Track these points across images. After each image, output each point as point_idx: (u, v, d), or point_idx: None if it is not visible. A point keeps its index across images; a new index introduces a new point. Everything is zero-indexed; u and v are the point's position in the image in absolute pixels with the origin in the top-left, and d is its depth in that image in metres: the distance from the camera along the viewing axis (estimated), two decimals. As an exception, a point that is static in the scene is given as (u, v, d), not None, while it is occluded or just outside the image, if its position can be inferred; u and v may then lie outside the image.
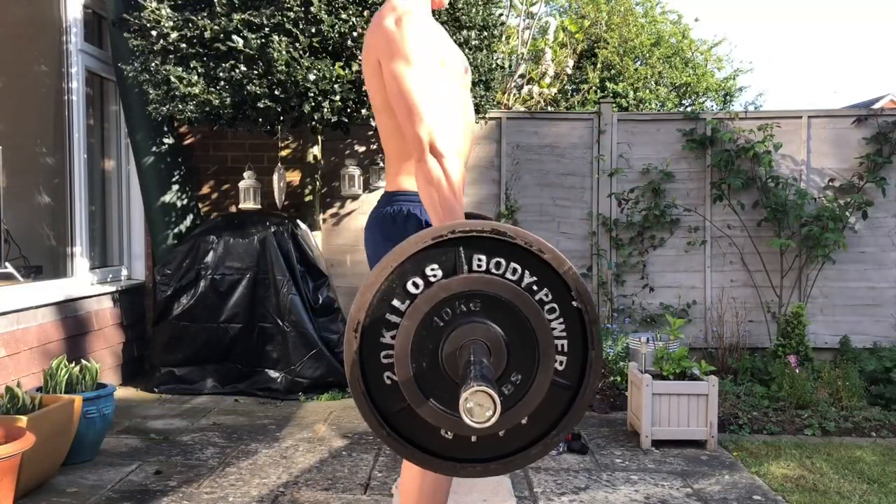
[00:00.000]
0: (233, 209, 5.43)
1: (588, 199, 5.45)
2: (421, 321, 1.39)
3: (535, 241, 1.42)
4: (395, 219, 1.86)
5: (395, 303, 1.44)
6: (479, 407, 1.23)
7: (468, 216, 2.01)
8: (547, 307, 1.44)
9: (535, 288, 1.44)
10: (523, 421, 1.45)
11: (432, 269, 1.44)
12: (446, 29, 4.28)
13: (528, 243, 1.42)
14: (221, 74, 4.08)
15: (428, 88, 1.72)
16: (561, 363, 1.45)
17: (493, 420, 1.22)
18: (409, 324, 1.39)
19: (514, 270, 1.43)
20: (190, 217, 5.10)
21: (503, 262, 1.44)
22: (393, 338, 1.42)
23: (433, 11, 2.00)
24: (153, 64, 4.20)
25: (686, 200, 5.41)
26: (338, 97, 4.05)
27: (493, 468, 1.48)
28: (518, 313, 1.40)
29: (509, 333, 1.40)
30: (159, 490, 2.99)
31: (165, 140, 4.99)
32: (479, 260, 1.44)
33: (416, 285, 1.43)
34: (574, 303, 1.44)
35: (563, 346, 1.45)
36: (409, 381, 1.40)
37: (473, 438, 1.46)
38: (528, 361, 1.40)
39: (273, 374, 4.61)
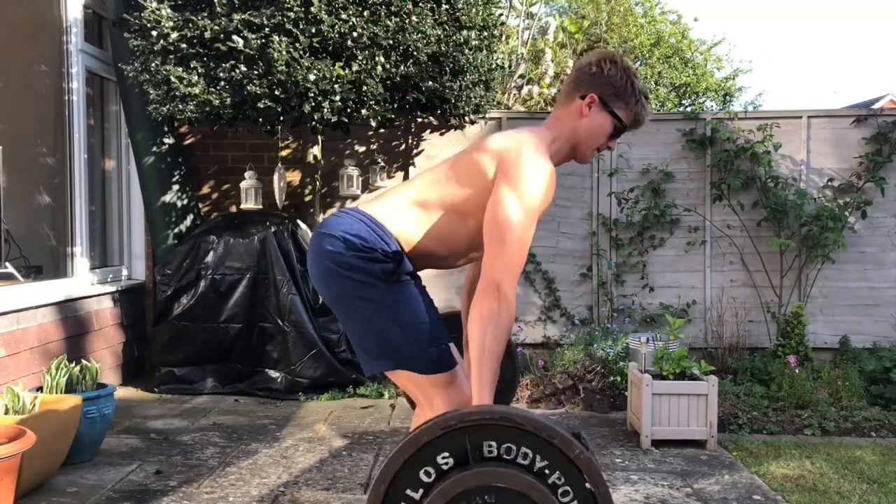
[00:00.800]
0: (233, 209, 5.43)
1: (588, 198, 5.45)
2: None
3: (543, 428, 1.45)
4: (363, 259, 1.87)
5: (409, 492, 1.47)
6: None
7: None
8: (560, 490, 1.47)
9: (546, 472, 1.47)
10: None
11: (444, 458, 1.47)
12: (446, 29, 4.29)
13: (538, 430, 1.45)
14: (221, 74, 4.08)
15: (527, 238, 1.82)
16: None
17: None
18: None
19: (525, 455, 1.47)
20: (190, 217, 5.10)
21: (514, 447, 1.47)
22: None
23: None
24: (153, 64, 4.20)
25: (686, 200, 5.42)
26: (338, 97, 4.06)
27: None
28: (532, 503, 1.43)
29: None
30: (159, 490, 2.99)
31: (165, 140, 4.99)
32: (490, 446, 1.47)
33: (428, 474, 1.47)
34: (587, 484, 1.46)
35: None
36: None
37: None
38: None
39: (273, 373, 4.61)
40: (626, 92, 1.99)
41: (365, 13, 4.07)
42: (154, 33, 4.16)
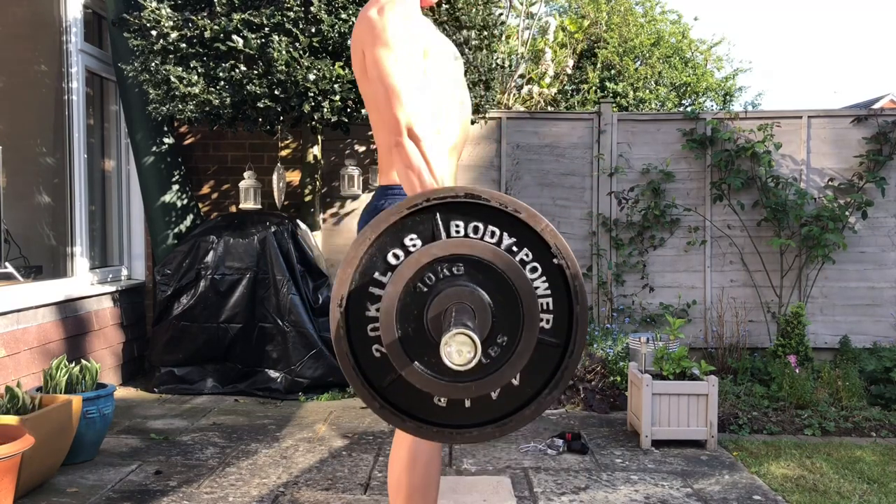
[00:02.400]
0: (233, 209, 5.43)
1: (588, 198, 5.45)
2: (404, 287, 1.40)
3: (509, 202, 1.42)
4: None
5: (377, 276, 1.45)
6: (458, 349, 1.25)
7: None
8: (529, 266, 1.44)
9: (514, 249, 1.44)
10: (515, 382, 1.46)
11: (411, 239, 1.44)
12: (446, 29, 4.29)
13: (503, 204, 1.42)
14: (221, 74, 4.08)
15: (407, 74, 1.73)
16: (548, 321, 1.45)
17: (475, 360, 1.25)
18: (392, 290, 1.40)
19: (493, 233, 1.44)
20: (190, 217, 5.10)
21: (480, 225, 1.44)
22: (378, 311, 1.43)
23: (424, 10, 2.00)
24: (153, 64, 4.20)
25: (686, 200, 5.41)
26: (338, 97, 4.05)
27: (488, 431, 1.48)
28: (500, 275, 1.40)
29: (493, 295, 1.40)
30: (159, 490, 2.99)
31: (165, 140, 4.99)
32: (457, 225, 1.44)
33: (396, 256, 1.44)
34: (555, 260, 1.44)
35: (547, 304, 1.45)
36: (394, 344, 1.40)
37: (467, 403, 1.47)
38: (513, 322, 1.41)
39: (273, 374, 4.61)
40: None
41: (365, 13, 4.07)
42: (154, 33, 4.16)
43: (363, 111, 4.18)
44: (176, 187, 5.02)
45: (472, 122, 5.03)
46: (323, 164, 5.28)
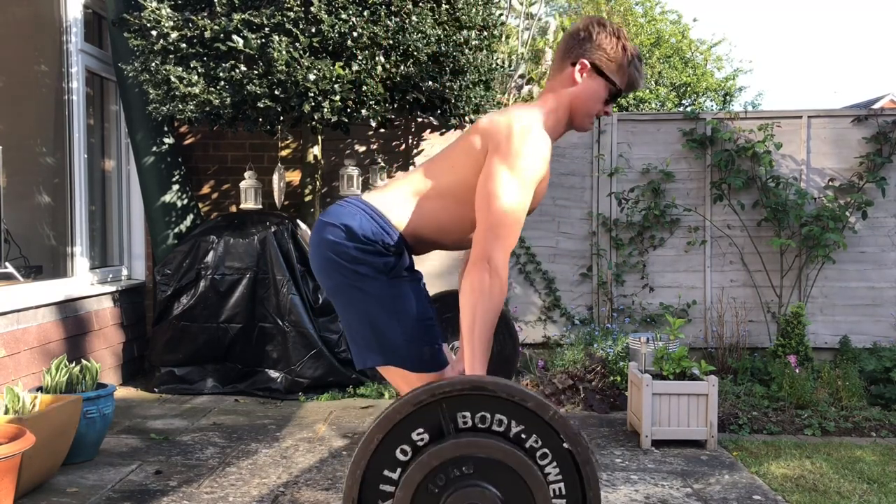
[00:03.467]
0: (233, 209, 5.43)
1: (588, 198, 5.45)
2: (415, 490, 1.41)
3: (517, 393, 1.44)
4: (363, 252, 1.85)
5: (387, 472, 1.46)
6: None
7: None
8: (539, 453, 1.46)
9: (523, 436, 1.45)
10: None
11: (419, 434, 1.46)
12: (446, 29, 4.29)
13: (510, 395, 1.44)
14: (221, 74, 4.08)
15: (520, 210, 1.79)
16: None
17: None
18: (403, 494, 1.41)
19: (500, 422, 1.45)
20: (190, 217, 5.10)
21: (488, 415, 1.46)
22: None
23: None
24: (153, 64, 4.20)
25: (686, 200, 5.41)
26: (338, 97, 4.05)
27: None
28: (511, 471, 1.41)
29: (505, 491, 1.42)
30: (159, 490, 2.99)
31: (165, 140, 4.99)
32: (464, 416, 1.46)
33: (404, 452, 1.45)
34: (564, 444, 1.45)
35: (560, 489, 1.46)
36: None
37: None
38: None
39: (273, 374, 4.61)
40: (618, 55, 1.94)
41: (365, 13, 4.07)
42: (154, 33, 4.16)
43: (363, 111, 4.18)
44: (176, 187, 5.02)
45: (472, 123, 5.02)
46: (323, 164, 5.28)
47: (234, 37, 4.02)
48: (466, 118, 4.81)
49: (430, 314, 1.93)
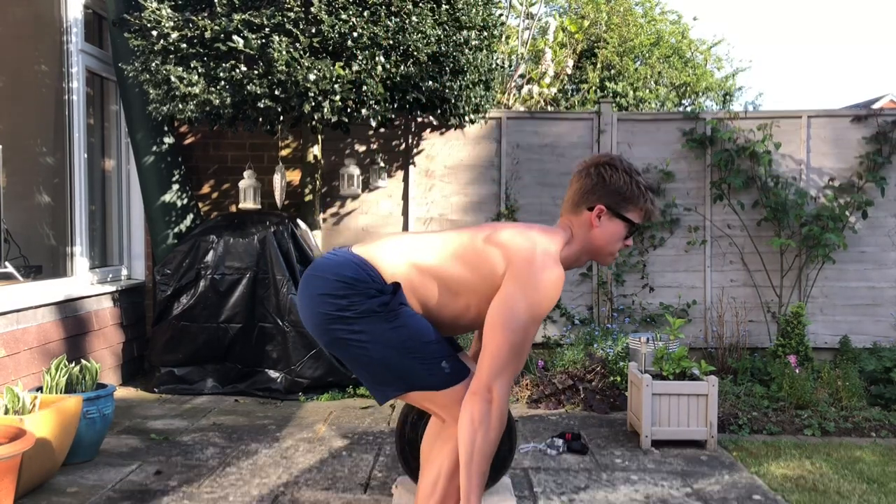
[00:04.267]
0: (233, 209, 5.43)
1: (588, 198, 5.44)
2: None
3: None
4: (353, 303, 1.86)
5: None
6: None
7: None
8: None
9: None
10: None
11: None
12: (446, 29, 4.29)
13: None
14: (221, 74, 4.08)
15: (528, 343, 1.82)
16: None
17: None
18: None
19: None
20: (190, 217, 5.10)
21: None
22: None
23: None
24: (153, 64, 4.20)
25: (686, 200, 5.42)
26: (338, 97, 4.05)
27: None
28: None
29: None
30: (159, 490, 2.99)
31: (165, 140, 4.99)
32: None
33: None
34: None
35: None
36: None
37: None
38: None
39: (273, 374, 4.61)
40: (634, 194, 1.97)
41: (365, 13, 4.07)
42: (154, 33, 4.16)
43: (363, 111, 4.18)
44: (176, 187, 5.02)
45: (473, 122, 5.03)
46: (323, 163, 5.28)
47: (235, 37, 4.02)
48: (466, 118, 4.81)
49: (433, 333, 1.92)
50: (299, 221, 4.89)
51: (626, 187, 1.96)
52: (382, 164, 5.25)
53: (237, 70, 4.06)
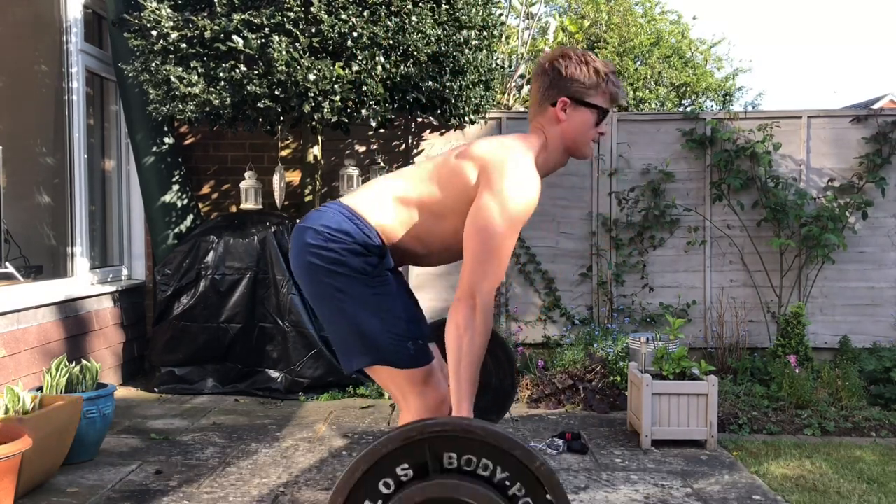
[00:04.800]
0: (233, 209, 5.43)
1: (588, 198, 5.45)
2: None
3: (504, 440, 1.44)
4: (343, 253, 1.87)
5: (367, 503, 1.46)
6: None
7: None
8: (521, 502, 1.46)
9: (507, 483, 1.46)
10: None
11: (403, 469, 1.46)
12: (446, 29, 4.29)
13: (499, 441, 1.44)
14: (221, 74, 4.08)
15: (507, 248, 1.81)
16: None
17: None
18: None
19: (486, 466, 1.46)
20: (190, 217, 5.10)
21: (474, 459, 1.46)
22: None
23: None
24: (153, 64, 4.20)
25: (686, 200, 5.41)
26: (338, 97, 4.05)
27: None
28: None
29: None
30: (159, 490, 2.99)
31: (165, 140, 4.99)
32: (451, 458, 1.46)
33: (387, 485, 1.46)
34: (548, 496, 1.46)
35: None
36: None
37: None
38: None
39: (273, 373, 4.61)
40: (593, 80, 1.96)
41: (365, 13, 4.07)
42: (154, 33, 4.16)
43: (363, 111, 4.18)
44: (176, 187, 5.02)
45: (472, 122, 5.03)
46: (323, 164, 5.28)
47: (234, 37, 4.02)
48: (466, 118, 4.81)
49: (413, 310, 1.94)
50: (299, 222, 4.89)
51: (584, 75, 1.96)
52: (382, 165, 5.25)
53: (237, 70, 4.06)
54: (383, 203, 1.95)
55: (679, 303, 5.40)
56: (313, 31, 4.02)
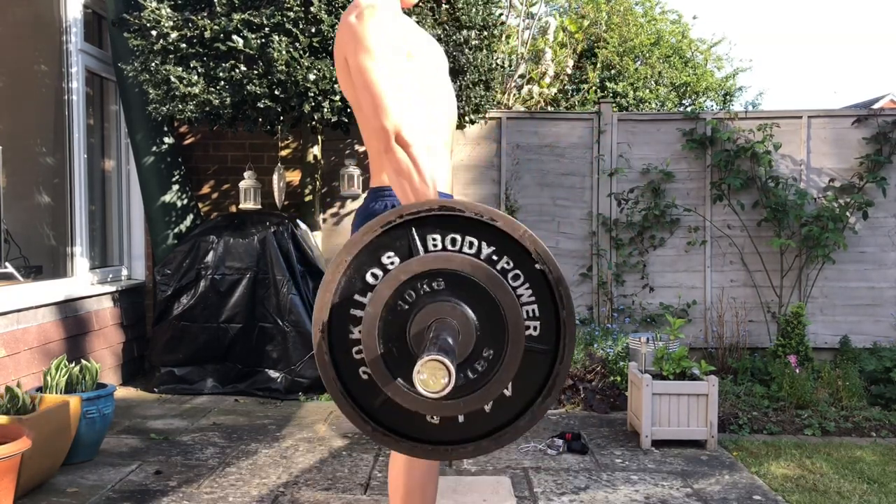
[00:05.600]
0: (233, 209, 5.43)
1: (588, 198, 5.45)
2: (384, 306, 1.37)
3: (485, 211, 1.40)
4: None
5: (357, 297, 1.42)
6: (432, 377, 1.21)
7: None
8: (511, 274, 1.42)
9: (494, 258, 1.41)
10: (507, 393, 1.44)
11: (389, 257, 1.42)
12: (446, 29, 4.29)
13: (479, 214, 1.40)
14: (221, 74, 4.08)
15: (391, 80, 1.71)
16: (535, 328, 1.42)
17: (448, 387, 1.21)
18: (372, 310, 1.38)
19: (471, 244, 1.41)
20: (190, 217, 5.10)
21: (458, 237, 1.42)
22: (360, 333, 1.41)
23: (405, 11, 1.99)
24: (153, 64, 4.20)
25: (686, 200, 5.41)
26: (338, 97, 4.05)
27: (484, 446, 1.46)
28: (481, 287, 1.37)
29: (476, 308, 1.37)
30: (159, 490, 2.99)
31: (165, 140, 4.99)
32: (434, 239, 1.42)
33: (374, 276, 1.42)
34: (536, 265, 1.41)
35: (533, 311, 1.42)
36: (377, 364, 1.38)
37: (461, 419, 1.45)
38: (498, 333, 1.38)
39: (273, 374, 4.61)
40: None
41: (365, 13, 4.06)
42: (154, 33, 4.16)
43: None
44: (176, 187, 5.02)
45: (472, 122, 5.03)
46: (323, 164, 5.28)
47: (234, 37, 4.02)
48: (466, 118, 4.81)
49: None
50: (299, 222, 4.89)
51: None
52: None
53: (237, 70, 4.06)
54: (376, 169, 1.92)
55: (679, 303, 5.39)
56: (313, 30, 4.02)
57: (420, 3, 4.23)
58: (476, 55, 4.48)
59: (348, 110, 4.21)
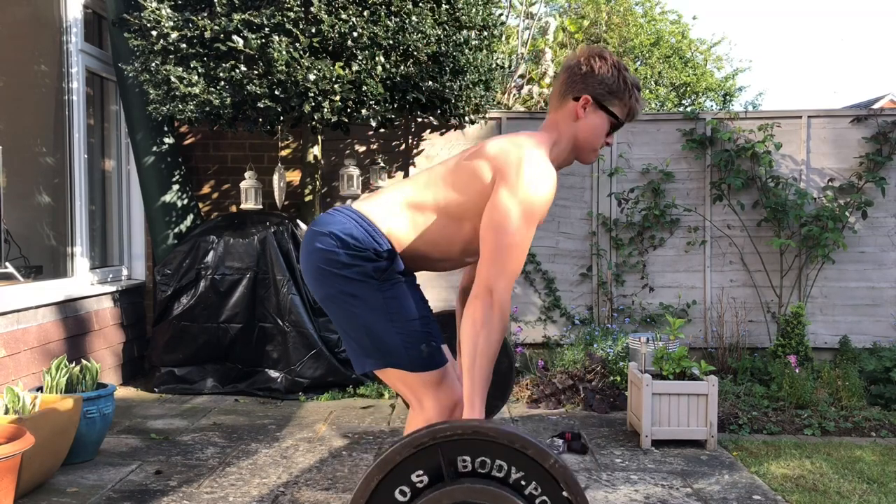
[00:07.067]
0: (233, 209, 5.43)
1: (588, 198, 5.45)
2: None
3: (516, 439, 1.43)
4: (351, 257, 1.87)
5: None
6: None
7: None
8: (538, 500, 1.45)
9: (523, 483, 1.45)
10: None
11: (418, 476, 1.45)
12: (446, 29, 4.29)
13: (511, 441, 1.43)
14: (221, 74, 4.08)
15: (523, 243, 1.80)
16: None
17: None
18: None
19: (500, 468, 1.45)
20: (190, 217, 5.10)
21: (488, 461, 1.45)
22: None
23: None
24: (153, 64, 4.20)
25: (686, 200, 5.41)
26: (338, 97, 4.05)
27: None
28: None
29: None
30: (159, 490, 2.99)
31: (165, 140, 4.99)
32: (464, 461, 1.45)
33: (403, 493, 1.45)
34: (564, 493, 1.45)
35: None
36: None
37: None
38: None
39: (273, 373, 4.61)
40: (619, 88, 1.97)
41: (365, 13, 4.07)
42: (154, 33, 4.16)
43: (363, 111, 4.18)
44: (176, 187, 5.02)
45: (472, 122, 5.03)
46: (323, 164, 5.28)
47: (234, 37, 4.02)
48: (466, 118, 4.81)
49: (426, 313, 1.94)
50: (299, 222, 4.90)
51: (613, 80, 1.97)
52: (382, 165, 5.25)
53: (237, 70, 4.06)
54: (395, 209, 1.94)
55: (679, 303, 5.40)
56: (313, 31, 4.02)
57: (420, 3, 4.23)
58: (476, 55, 4.48)
59: (348, 110, 4.21)
